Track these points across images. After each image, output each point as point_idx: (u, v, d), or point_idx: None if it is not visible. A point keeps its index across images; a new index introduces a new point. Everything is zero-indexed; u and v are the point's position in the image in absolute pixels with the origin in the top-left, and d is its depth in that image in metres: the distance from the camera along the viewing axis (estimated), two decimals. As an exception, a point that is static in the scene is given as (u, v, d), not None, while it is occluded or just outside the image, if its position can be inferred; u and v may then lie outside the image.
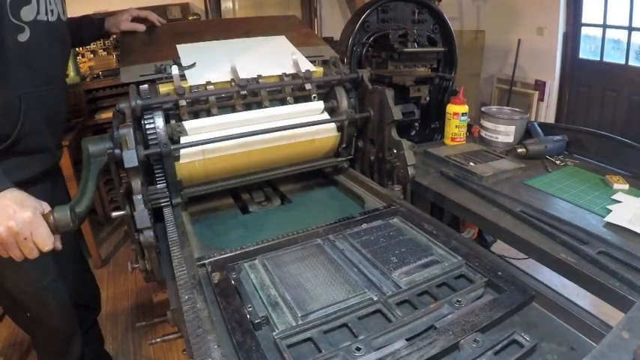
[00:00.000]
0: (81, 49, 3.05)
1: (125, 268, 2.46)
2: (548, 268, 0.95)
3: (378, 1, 1.71)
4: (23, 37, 1.00)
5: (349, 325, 0.68)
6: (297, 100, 1.17)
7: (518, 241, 1.01)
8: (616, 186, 1.21)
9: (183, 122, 1.04)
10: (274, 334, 0.65)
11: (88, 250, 2.42)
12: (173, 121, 1.03)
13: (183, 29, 1.41)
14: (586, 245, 0.93)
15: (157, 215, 1.02)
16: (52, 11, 1.08)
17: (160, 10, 3.15)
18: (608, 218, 1.04)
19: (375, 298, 0.73)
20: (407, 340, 0.64)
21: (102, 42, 3.12)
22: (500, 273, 0.78)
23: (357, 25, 1.68)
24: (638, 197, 1.14)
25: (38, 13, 1.03)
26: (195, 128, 1.04)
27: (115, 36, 1.47)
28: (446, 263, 0.82)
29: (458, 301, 0.72)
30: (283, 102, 1.16)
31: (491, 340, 0.64)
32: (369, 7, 1.72)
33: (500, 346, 0.63)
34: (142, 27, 1.33)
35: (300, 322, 0.67)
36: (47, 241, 0.76)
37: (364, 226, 0.97)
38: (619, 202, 1.12)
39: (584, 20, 3.59)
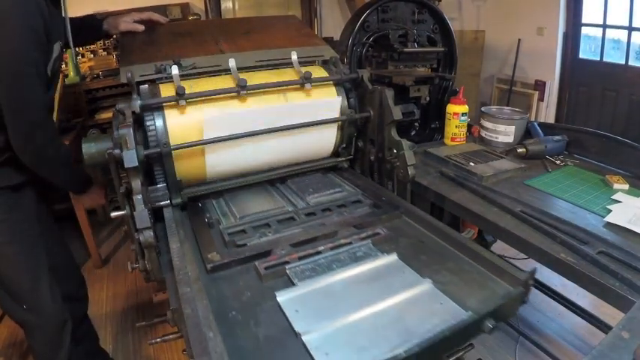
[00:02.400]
0: (81, 49, 3.05)
1: (125, 268, 2.45)
2: (548, 268, 0.95)
3: (378, 1, 1.71)
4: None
5: (269, 223, 1.03)
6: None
7: (518, 241, 1.01)
8: (616, 186, 1.21)
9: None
10: (220, 226, 1.02)
11: (88, 250, 2.42)
12: None
13: (183, 29, 1.41)
14: (586, 245, 0.93)
15: (156, 215, 1.02)
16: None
17: (160, 10, 3.15)
18: (608, 218, 1.04)
19: (290, 210, 1.09)
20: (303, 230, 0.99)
21: (102, 42, 3.12)
22: (384, 198, 1.11)
23: (357, 25, 1.68)
24: (638, 197, 1.14)
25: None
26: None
27: (115, 36, 1.46)
28: (347, 193, 1.17)
29: (345, 211, 1.08)
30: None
31: (360, 231, 0.97)
32: (369, 7, 1.72)
33: (365, 234, 0.96)
34: (140, 27, 1.32)
35: (238, 221, 1.05)
36: None
37: (304, 178, 1.26)
38: (619, 202, 1.12)
39: (584, 20, 3.59)
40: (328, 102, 1.19)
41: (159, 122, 1.01)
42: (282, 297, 0.77)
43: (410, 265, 0.85)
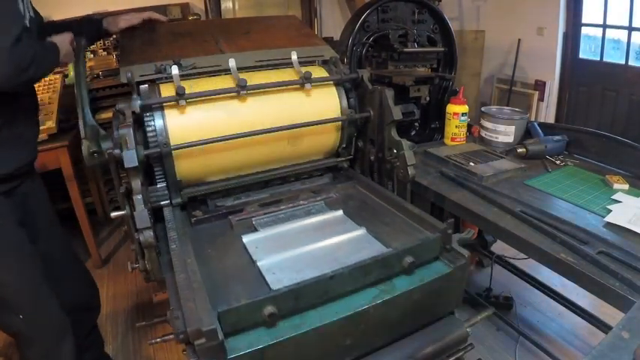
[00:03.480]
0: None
1: (125, 268, 2.43)
2: (548, 268, 0.95)
3: (378, 1, 1.71)
4: None
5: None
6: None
7: (518, 241, 1.01)
8: (616, 186, 1.21)
9: None
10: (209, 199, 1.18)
11: (88, 250, 2.42)
12: None
13: (183, 29, 1.41)
14: (586, 245, 0.93)
15: (156, 215, 1.02)
16: (28, 9, 1.08)
17: (160, 10, 3.15)
18: (608, 218, 1.04)
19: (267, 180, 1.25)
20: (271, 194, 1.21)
21: (102, 42, 3.11)
22: (342, 172, 1.31)
23: (357, 25, 1.68)
24: (638, 197, 1.14)
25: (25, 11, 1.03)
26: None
27: (115, 36, 1.46)
28: (310, 167, 1.29)
29: (308, 181, 1.27)
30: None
31: (317, 195, 1.18)
32: (369, 7, 1.72)
33: (320, 197, 1.17)
34: (139, 20, 1.32)
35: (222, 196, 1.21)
36: None
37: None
38: (619, 202, 1.12)
39: (584, 20, 3.59)
40: (328, 102, 1.20)
41: (159, 122, 1.01)
42: (247, 238, 0.99)
43: (352, 219, 1.05)
